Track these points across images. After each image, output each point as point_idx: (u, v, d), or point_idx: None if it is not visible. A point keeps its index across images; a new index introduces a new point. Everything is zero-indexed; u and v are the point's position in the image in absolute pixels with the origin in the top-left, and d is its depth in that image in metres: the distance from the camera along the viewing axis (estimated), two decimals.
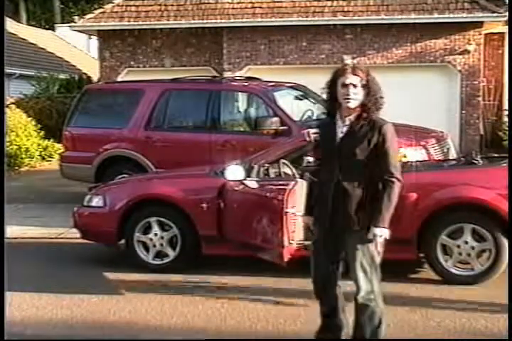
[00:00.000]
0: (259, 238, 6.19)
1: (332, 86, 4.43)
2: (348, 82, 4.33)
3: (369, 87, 4.35)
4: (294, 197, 5.95)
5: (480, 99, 15.73)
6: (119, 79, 16.31)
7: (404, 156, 8.44)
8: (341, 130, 4.43)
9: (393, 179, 4.35)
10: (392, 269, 6.71)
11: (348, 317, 4.70)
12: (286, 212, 5.85)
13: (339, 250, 4.53)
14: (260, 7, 15.96)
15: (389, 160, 4.37)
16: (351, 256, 4.43)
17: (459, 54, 15.45)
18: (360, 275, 4.41)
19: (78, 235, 7.93)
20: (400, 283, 6.53)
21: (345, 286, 4.70)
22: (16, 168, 15.56)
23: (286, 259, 5.90)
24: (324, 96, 4.58)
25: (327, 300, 4.70)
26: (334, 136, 4.43)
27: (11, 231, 8.92)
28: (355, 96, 4.34)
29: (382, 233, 4.34)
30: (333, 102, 4.46)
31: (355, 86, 4.32)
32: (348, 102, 4.34)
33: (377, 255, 4.43)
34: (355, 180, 4.37)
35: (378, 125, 4.36)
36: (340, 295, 4.69)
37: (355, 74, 4.34)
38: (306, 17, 15.65)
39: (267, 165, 6.96)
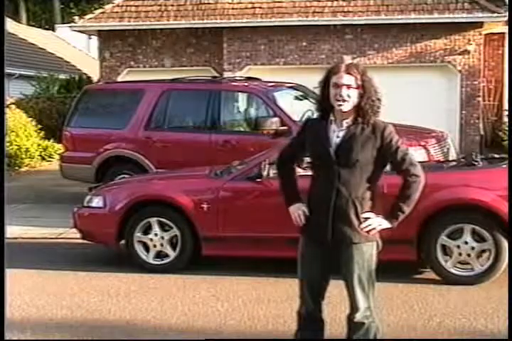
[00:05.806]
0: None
1: (325, 85, 4.00)
2: (341, 82, 3.90)
3: (364, 88, 3.92)
4: None
5: (480, 99, 15.72)
6: (119, 79, 16.30)
7: None
8: (337, 134, 3.99)
9: (416, 178, 4.04)
10: (393, 269, 6.73)
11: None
12: None
13: (333, 264, 4.13)
14: (260, 7, 15.96)
15: (406, 159, 4.06)
16: (349, 271, 4.06)
17: (459, 54, 15.44)
18: (358, 292, 4.08)
19: (78, 235, 7.94)
20: (400, 283, 6.54)
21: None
22: (16, 168, 15.55)
23: None
24: (316, 95, 4.20)
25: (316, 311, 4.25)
26: (328, 141, 3.99)
27: (11, 231, 8.91)
28: (349, 99, 3.91)
29: (385, 225, 4.06)
30: (324, 103, 4.03)
31: (348, 87, 3.90)
32: (341, 105, 3.92)
33: (374, 267, 4.12)
34: (355, 188, 3.98)
35: (380, 128, 3.99)
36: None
37: (350, 74, 3.91)
38: (306, 17, 15.64)
39: (268, 165, 6.96)
